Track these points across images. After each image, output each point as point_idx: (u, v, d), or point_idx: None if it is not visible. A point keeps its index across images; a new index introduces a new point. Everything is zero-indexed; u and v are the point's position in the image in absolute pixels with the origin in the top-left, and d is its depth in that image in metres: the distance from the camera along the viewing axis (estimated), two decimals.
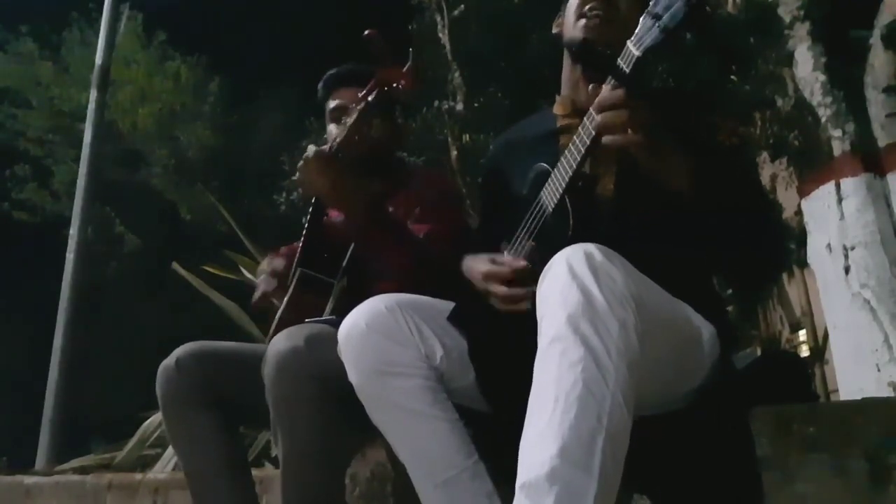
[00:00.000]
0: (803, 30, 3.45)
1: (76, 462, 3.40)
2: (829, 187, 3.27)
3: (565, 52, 1.30)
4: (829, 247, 3.25)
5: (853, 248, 3.14)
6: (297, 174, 1.33)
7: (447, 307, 1.14)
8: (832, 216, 3.24)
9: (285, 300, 1.46)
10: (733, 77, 4.45)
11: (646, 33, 0.99)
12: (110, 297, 10.52)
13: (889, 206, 3.15)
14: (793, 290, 8.31)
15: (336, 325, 1.12)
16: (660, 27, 0.97)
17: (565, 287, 0.86)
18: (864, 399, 1.71)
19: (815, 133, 3.37)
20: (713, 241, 1.07)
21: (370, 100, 1.29)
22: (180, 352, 1.42)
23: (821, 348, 6.35)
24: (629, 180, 1.12)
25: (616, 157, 1.13)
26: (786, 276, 8.03)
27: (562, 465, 0.77)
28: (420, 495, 1.07)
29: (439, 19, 7.23)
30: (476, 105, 7.36)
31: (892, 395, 2.85)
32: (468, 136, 7.18)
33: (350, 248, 1.45)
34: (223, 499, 1.38)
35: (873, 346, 3.00)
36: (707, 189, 1.02)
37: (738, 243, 1.08)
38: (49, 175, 11.73)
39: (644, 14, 0.99)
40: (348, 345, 1.07)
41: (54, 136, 11.83)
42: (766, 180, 6.36)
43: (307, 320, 1.32)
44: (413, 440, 1.06)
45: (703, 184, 1.02)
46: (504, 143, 1.48)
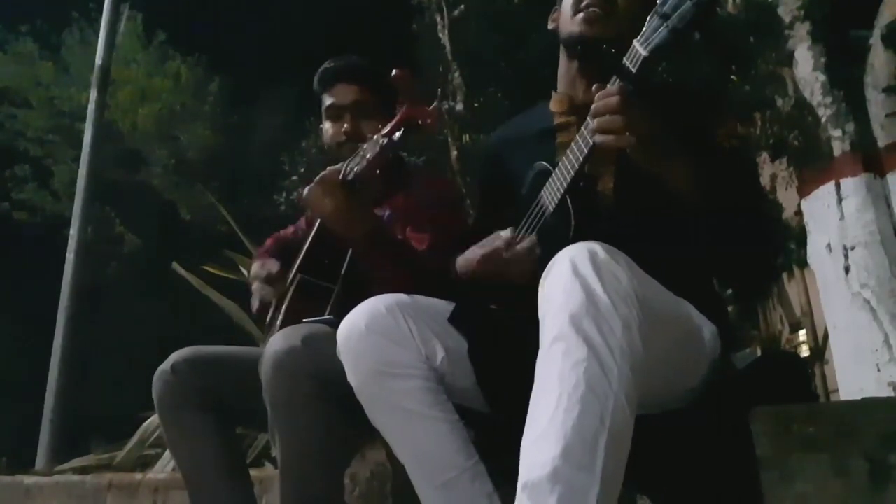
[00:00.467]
0: (803, 30, 3.44)
1: (76, 462, 3.41)
2: (829, 187, 3.27)
3: (561, 48, 1.29)
4: (829, 247, 3.25)
5: (853, 248, 3.14)
6: (306, 192, 1.31)
7: (447, 308, 1.14)
8: (832, 216, 3.24)
9: (284, 307, 1.46)
10: (733, 77, 4.45)
11: (653, 33, 0.97)
12: (110, 297, 10.52)
13: (889, 206, 3.14)
14: (793, 290, 8.30)
15: (333, 324, 1.12)
16: (668, 27, 0.96)
17: (568, 286, 0.86)
18: (864, 399, 1.71)
19: (815, 133, 3.36)
20: (712, 242, 1.07)
21: (395, 138, 1.24)
22: (176, 356, 1.42)
23: (821, 348, 6.34)
24: (628, 180, 1.12)
25: (615, 157, 1.13)
26: (786, 276, 8.03)
27: (564, 466, 0.77)
28: (420, 496, 1.07)
29: (439, 19, 7.23)
30: (476, 105, 7.35)
31: (892, 395, 2.84)
32: (468, 136, 7.18)
33: (349, 252, 1.44)
34: (221, 501, 1.38)
35: (873, 346, 3.00)
36: (706, 190, 1.02)
37: (737, 244, 1.08)
38: (49, 175, 11.72)
39: (651, 14, 0.98)
40: (348, 346, 1.07)
41: (54, 136, 11.82)
42: (766, 180, 6.35)
43: (305, 320, 1.32)
44: (413, 441, 1.06)
45: (702, 185, 1.02)
46: (501, 139, 1.46)
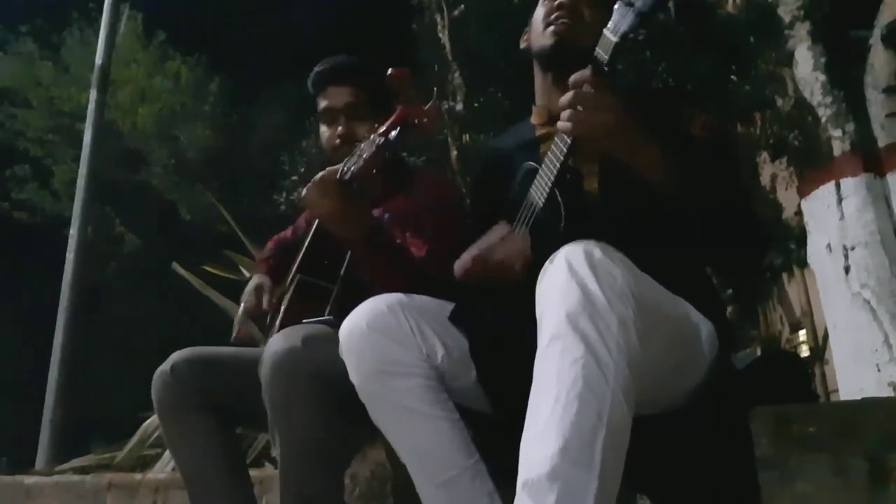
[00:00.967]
0: (803, 30, 3.44)
1: (76, 462, 3.41)
2: (829, 187, 3.27)
3: (535, 64, 1.34)
4: (829, 247, 3.25)
5: (853, 248, 3.14)
6: (305, 192, 1.31)
7: (448, 306, 1.14)
8: (832, 216, 3.24)
9: (283, 307, 1.46)
10: (733, 77, 4.45)
11: (621, 19, 1.03)
12: (110, 297, 10.52)
13: (889, 206, 3.15)
14: (793, 290, 8.31)
15: (333, 325, 1.12)
16: (634, 12, 1.01)
17: (565, 284, 0.86)
18: (864, 399, 1.71)
19: (815, 133, 3.36)
20: (695, 232, 1.08)
21: (391, 137, 1.25)
22: (175, 357, 1.42)
23: (821, 348, 6.35)
24: (612, 179, 1.14)
25: (597, 156, 1.16)
26: (786, 276, 8.03)
27: (563, 463, 0.77)
28: (421, 495, 1.07)
29: (439, 19, 7.24)
30: (476, 105, 7.36)
31: (892, 395, 2.85)
32: (468, 136, 7.19)
33: (349, 253, 1.44)
34: (221, 502, 1.38)
35: (873, 346, 3.00)
36: (681, 180, 1.04)
37: (717, 232, 1.08)
38: (49, 175, 11.73)
39: (617, 3, 1.03)
40: (349, 345, 1.07)
41: (54, 136, 11.82)
42: (766, 180, 6.37)
43: (305, 321, 1.32)
44: (414, 440, 1.06)
45: (676, 174, 1.04)
46: (490, 155, 1.51)
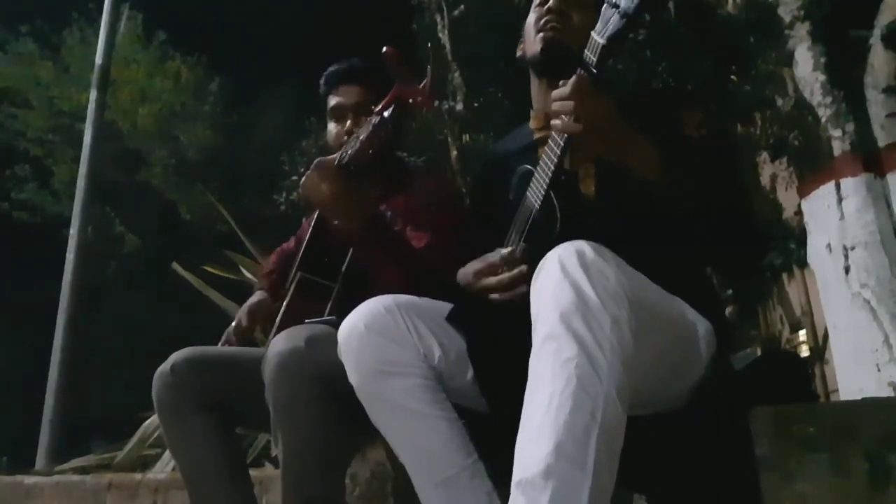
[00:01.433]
0: (803, 30, 3.45)
1: (76, 462, 3.41)
2: (829, 187, 3.27)
3: (531, 72, 1.36)
4: (829, 247, 3.25)
5: (853, 248, 3.14)
6: (303, 180, 1.32)
7: (445, 307, 1.15)
8: (832, 216, 3.24)
9: (284, 305, 1.46)
10: (733, 77, 4.45)
11: (608, 22, 1.04)
12: (110, 297, 10.52)
13: (889, 206, 3.15)
14: (793, 290, 8.31)
15: (336, 325, 1.12)
16: (620, 14, 1.02)
17: (557, 285, 0.87)
18: (864, 399, 1.71)
19: (815, 133, 3.37)
20: (692, 232, 1.08)
21: (386, 115, 1.26)
22: (175, 357, 1.42)
23: (821, 348, 6.35)
24: (609, 181, 1.14)
25: (593, 158, 1.17)
26: (786, 276, 8.03)
27: (556, 462, 0.77)
28: (420, 494, 1.07)
29: (439, 19, 7.24)
30: (476, 105, 7.36)
31: (892, 395, 2.85)
32: (468, 136, 7.19)
33: (350, 251, 1.44)
34: (221, 502, 1.38)
35: (873, 346, 3.00)
36: (677, 179, 1.05)
37: (715, 232, 1.09)
38: (49, 175, 11.73)
39: (605, 6, 1.04)
40: (347, 345, 1.08)
41: (54, 136, 11.82)
42: (766, 180, 6.37)
43: (307, 321, 1.32)
44: (412, 439, 1.06)
45: (671, 174, 1.05)
46: (489, 159, 1.53)
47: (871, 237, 3.10)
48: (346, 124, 1.54)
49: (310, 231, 1.53)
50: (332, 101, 1.60)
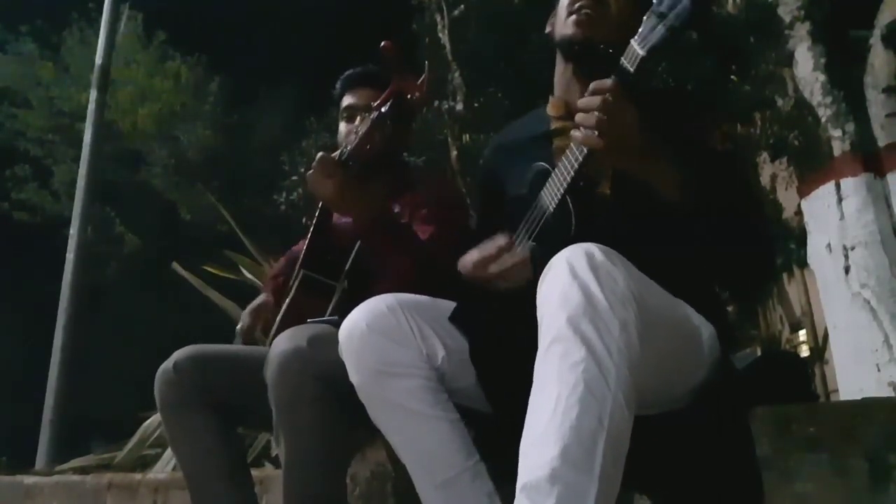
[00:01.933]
0: (803, 30, 3.44)
1: (76, 462, 3.41)
2: (829, 187, 3.27)
3: (557, 52, 1.29)
4: (829, 247, 3.25)
5: (853, 248, 3.14)
6: (308, 177, 1.32)
7: (449, 307, 1.14)
8: (832, 216, 3.24)
9: (287, 302, 1.46)
10: (733, 77, 4.45)
11: (650, 32, 0.98)
12: (110, 297, 10.52)
13: (889, 206, 3.15)
14: (793, 290, 8.31)
15: (338, 325, 1.12)
16: (665, 27, 0.97)
17: (566, 287, 0.86)
18: (864, 399, 1.72)
19: (815, 133, 3.37)
20: (706, 246, 1.07)
21: (384, 110, 1.27)
22: (178, 355, 1.42)
23: (821, 348, 6.35)
24: (625, 185, 1.12)
25: (611, 165, 1.14)
26: (786, 276, 8.03)
27: (562, 467, 0.77)
28: (420, 495, 1.07)
29: (439, 19, 7.23)
30: (476, 105, 7.34)
31: (892, 395, 2.85)
32: (468, 136, 7.17)
33: (353, 250, 1.45)
34: (222, 501, 1.38)
35: (873, 346, 3.00)
36: (698, 199, 1.02)
37: (730, 249, 1.07)
38: (49, 175, 11.72)
39: (648, 13, 0.99)
40: (349, 345, 1.07)
41: (54, 136, 11.81)
42: (766, 180, 6.37)
43: (309, 321, 1.32)
44: (414, 440, 1.06)
45: (694, 192, 1.02)
46: (499, 144, 1.47)
47: (871, 237, 3.10)
48: (356, 124, 1.55)
49: (311, 229, 1.53)
50: (345, 103, 1.63)
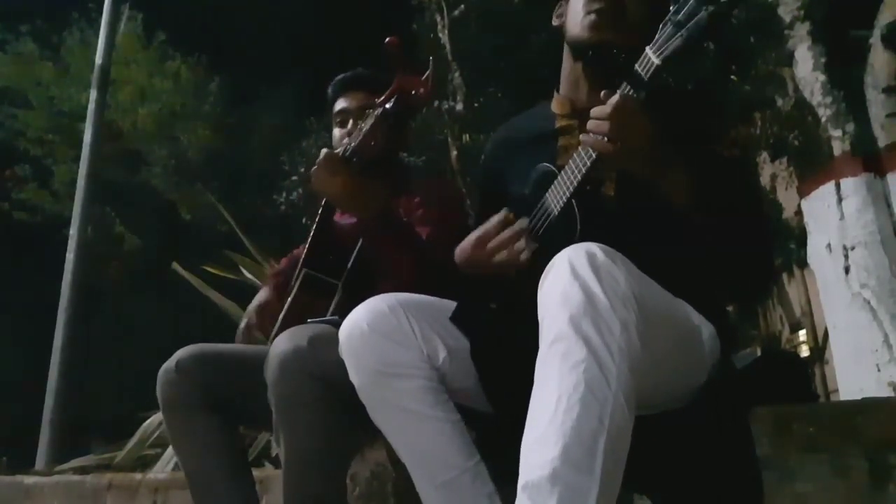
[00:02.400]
0: (803, 30, 3.45)
1: (76, 462, 3.41)
2: (829, 187, 3.28)
3: (566, 48, 1.27)
4: (829, 247, 3.25)
5: (853, 248, 3.15)
6: (312, 176, 1.32)
7: (449, 307, 1.14)
8: (832, 216, 3.24)
9: (288, 300, 1.46)
10: (733, 77, 4.45)
11: (667, 41, 0.97)
12: (110, 296, 10.51)
13: (889, 206, 3.15)
14: (793, 290, 8.31)
15: (339, 325, 1.12)
16: (682, 36, 0.95)
17: (567, 287, 0.86)
18: (864, 399, 1.72)
19: (815, 133, 3.37)
20: (710, 249, 1.07)
21: (388, 107, 1.27)
22: (180, 354, 1.42)
23: (821, 348, 6.36)
24: (629, 187, 1.11)
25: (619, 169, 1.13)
26: (786, 276, 8.04)
27: (563, 467, 0.77)
28: (421, 496, 1.07)
29: (439, 19, 7.23)
30: (476, 105, 7.35)
31: (892, 395, 2.85)
32: (468, 136, 7.18)
33: (355, 249, 1.45)
34: (224, 500, 1.38)
35: (873, 346, 3.00)
36: (705, 203, 1.02)
37: (732, 251, 1.07)
38: (49, 175, 11.72)
39: (664, 22, 0.98)
40: (349, 345, 1.07)
41: (54, 136, 11.81)
42: (766, 180, 6.37)
43: (310, 320, 1.32)
44: (414, 441, 1.06)
45: (702, 197, 1.02)
46: (502, 139, 1.45)
47: (871, 237, 3.10)
48: (349, 128, 1.55)
49: (314, 228, 1.53)
50: (338, 107, 1.62)
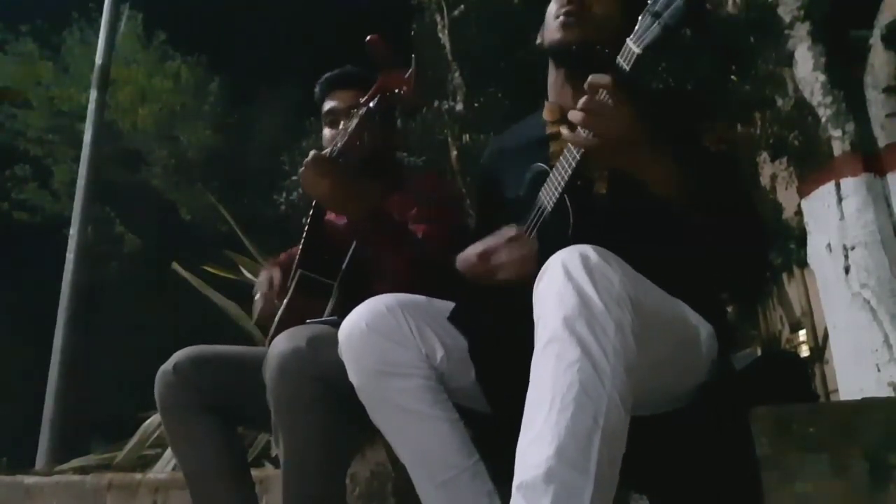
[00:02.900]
0: (803, 30, 3.45)
1: (76, 462, 3.40)
2: (829, 187, 3.28)
3: (549, 61, 1.33)
4: (829, 247, 3.25)
5: (853, 248, 3.15)
6: (301, 177, 1.32)
7: (447, 307, 1.15)
8: (832, 216, 3.24)
9: (285, 302, 1.46)
10: (733, 77, 4.45)
11: (646, 31, 1.00)
12: (110, 297, 10.51)
13: (889, 206, 3.15)
14: (793, 290, 8.30)
15: (337, 325, 1.12)
16: (660, 24, 0.99)
17: (561, 289, 0.87)
18: (864, 399, 1.71)
19: (815, 133, 3.37)
20: (702, 245, 1.07)
21: (371, 106, 1.28)
22: (178, 356, 1.42)
23: (821, 348, 6.35)
24: (622, 185, 1.13)
25: (608, 167, 1.15)
26: (786, 276, 8.03)
27: (558, 466, 0.77)
28: (420, 495, 1.07)
29: (439, 19, 7.23)
30: (476, 105, 7.35)
31: (892, 395, 2.85)
32: (468, 136, 7.17)
33: (350, 249, 1.45)
34: (223, 501, 1.38)
35: (873, 346, 3.00)
36: (691, 195, 1.03)
37: (725, 248, 1.08)
38: (49, 175, 11.72)
39: (643, 13, 1.01)
40: (348, 345, 1.08)
41: (54, 136, 11.81)
42: (766, 180, 6.37)
43: (308, 321, 1.32)
44: (413, 440, 1.06)
45: (689, 190, 1.03)
46: (496, 150, 1.49)
47: (871, 237, 3.10)
48: (340, 127, 1.55)
49: (306, 228, 1.53)
50: (326, 107, 1.62)
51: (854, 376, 3.13)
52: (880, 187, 3.18)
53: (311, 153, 1.32)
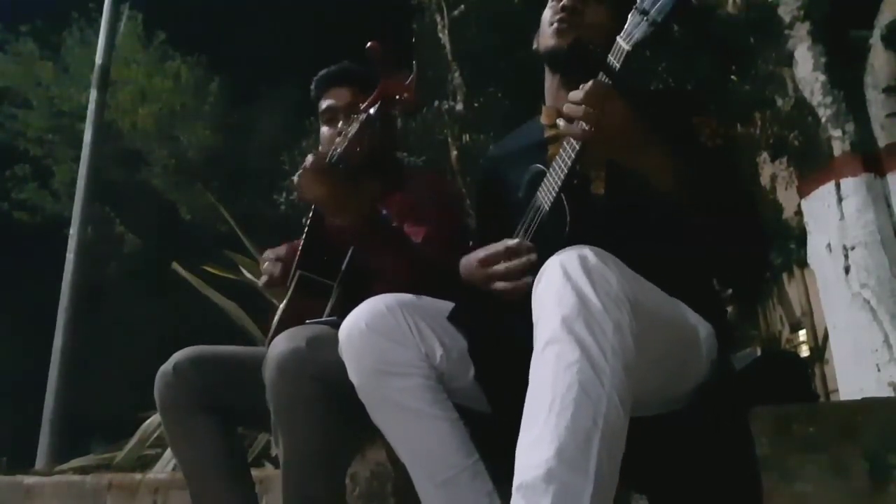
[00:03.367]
0: (803, 30, 3.45)
1: (76, 462, 3.41)
2: (829, 187, 3.28)
3: (545, 66, 1.36)
4: (829, 247, 3.25)
5: (853, 248, 3.15)
6: (297, 182, 1.32)
7: (447, 307, 1.15)
8: (832, 216, 3.24)
9: (284, 302, 1.46)
10: (733, 77, 4.45)
11: (634, 28, 1.03)
12: (110, 297, 10.51)
13: (889, 206, 3.15)
14: (793, 290, 8.31)
15: (337, 325, 1.12)
16: (648, 21, 1.01)
17: (560, 289, 0.87)
18: (864, 399, 1.72)
19: (815, 133, 3.37)
20: (700, 241, 1.08)
21: (372, 112, 1.27)
22: (178, 357, 1.41)
23: (821, 348, 6.35)
24: (619, 183, 1.13)
25: (604, 160, 1.16)
26: (786, 276, 8.04)
27: (558, 467, 0.77)
28: (420, 495, 1.07)
29: (439, 19, 7.23)
30: (476, 105, 7.35)
31: (892, 395, 2.85)
32: (468, 136, 7.18)
33: (349, 250, 1.44)
34: (223, 501, 1.38)
35: (873, 346, 3.01)
36: (689, 189, 1.04)
37: (722, 243, 1.08)
38: (49, 175, 11.73)
39: (632, 11, 1.04)
40: (348, 345, 1.08)
41: (54, 136, 11.81)
42: (766, 180, 6.37)
43: (308, 321, 1.32)
44: (413, 440, 1.06)
45: (686, 183, 1.04)
46: (494, 155, 1.51)
47: (871, 237, 3.10)
48: (338, 126, 1.54)
49: (306, 229, 1.53)
50: (324, 105, 1.61)
51: (854, 376, 3.13)
52: (880, 187, 3.18)
53: (310, 156, 1.31)
